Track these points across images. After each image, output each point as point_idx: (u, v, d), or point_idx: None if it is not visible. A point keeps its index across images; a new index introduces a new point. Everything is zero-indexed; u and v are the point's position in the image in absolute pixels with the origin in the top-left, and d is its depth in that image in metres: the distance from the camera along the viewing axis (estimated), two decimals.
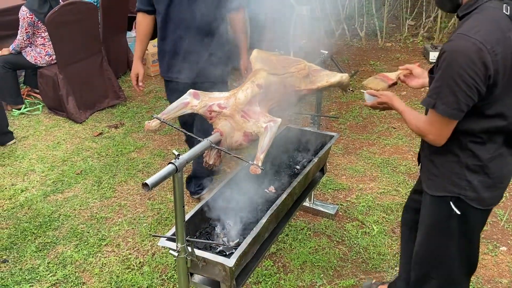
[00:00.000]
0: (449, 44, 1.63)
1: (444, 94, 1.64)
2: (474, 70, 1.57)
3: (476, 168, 1.78)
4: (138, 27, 3.12)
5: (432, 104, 1.69)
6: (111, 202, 3.58)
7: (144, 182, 1.62)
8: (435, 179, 1.89)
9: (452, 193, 1.84)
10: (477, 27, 1.60)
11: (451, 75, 1.60)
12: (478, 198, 1.81)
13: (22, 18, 4.73)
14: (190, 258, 1.92)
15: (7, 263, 2.96)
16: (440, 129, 1.72)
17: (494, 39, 1.59)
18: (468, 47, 1.57)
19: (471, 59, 1.56)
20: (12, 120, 4.91)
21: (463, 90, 1.60)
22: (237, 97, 2.02)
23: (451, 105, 1.64)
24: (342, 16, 7.13)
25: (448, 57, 1.61)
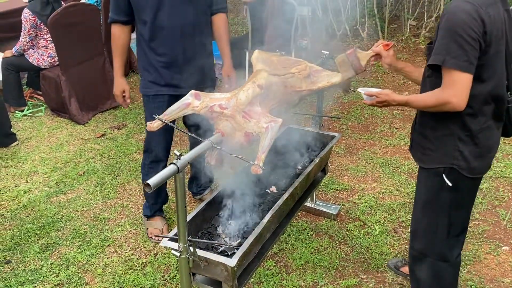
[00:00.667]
0: (448, 8, 1.81)
1: (452, 49, 1.75)
2: (474, 24, 1.74)
3: (467, 139, 1.94)
4: (117, 41, 2.85)
5: (441, 60, 1.78)
6: (114, 203, 3.59)
7: (146, 182, 1.64)
8: (429, 153, 2.04)
9: (445, 164, 1.99)
10: None
11: (455, 31, 1.74)
12: (469, 167, 1.97)
13: (24, 20, 4.75)
14: (192, 258, 1.93)
15: (10, 264, 2.98)
16: (461, 88, 1.79)
17: (487, 2, 1.79)
18: (467, 7, 1.75)
19: (471, 15, 1.74)
20: (15, 122, 4.93)
21: (468, 42, 1.73)
22: (238, 97, 2.03)
23: (461, 57, 1.75)
24: (343, 17, 7.13)
25: (450, 17, 1.77)
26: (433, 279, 2.24)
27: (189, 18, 2.71)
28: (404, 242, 3.04)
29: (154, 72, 2.81)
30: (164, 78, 2.80)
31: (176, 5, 2.67)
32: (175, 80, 2.79)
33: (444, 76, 1.82)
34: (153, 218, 3.22)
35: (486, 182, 3.61)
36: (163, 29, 2.69)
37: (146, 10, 2.66)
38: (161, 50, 2.75)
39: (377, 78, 5.82)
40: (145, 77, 2.88)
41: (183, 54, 2.76)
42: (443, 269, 2.22)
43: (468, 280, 2.73)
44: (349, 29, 7.17)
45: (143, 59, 2.85)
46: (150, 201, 3.18)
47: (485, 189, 3.53)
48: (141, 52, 2.85)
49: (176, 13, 2.67)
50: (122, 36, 2.83)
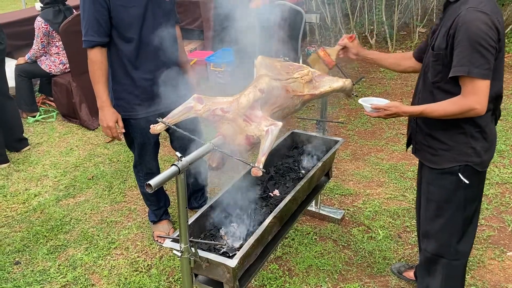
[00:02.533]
0: (463, 18, 1.83)
1: (475, 59, 1.81)
2: (492, 33, 1.81)
3: (478, 135, 2.01)
4: (99, 66, 2.59)
5: (466, 71, 1.84)
6: (121, 206, 3.65)
7: (148, 182, 1.68)
8: (443, 154, 2.08)
9: (460, 162, 2.04)
10: (483, 2, 1.85)
11: (476, 40, 1.80)
12: (481, 162, 2.05)
13: (37, 28, 4.87)
14: (194, 259, 1.97)
15: (19, 265, 3.04)
16: (484, 95, 1.87)
17: (497, 11, 1.87)
18: (484, 17, 1.81)
19: (488, 25, 1.80)
20: (27, 127, 5.03)
21: (489, 51, 1.82)
22: (239, 101, 2.08)
23: (484, 66, 1.82)
24: (352, 24, 7.16)
25: (469, 28, 1.81)
26: (446, 281, 2.27)
27: (167, 31, 2.65)
28: (408, 247, 3.04)
29: (141, 94, 2.72)
30: (151, 97, 2.71)
31: (157, 18, 2.63)
32: (160, 97, 2.66)
33: (466, 84, 1.88)
34: (160, 222, 3.26)
35: (492, 188, 3.60)
36: (148, 45, 2.62)
37: (132, 27, 2.55)
38: (147, 67, 2.66)
39: (384, 84, 5.83)
40: (128, 101, 2.74)
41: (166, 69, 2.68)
42: (457, 268, 2.26)
43: (472, 285, 2.73)
44: (358, 36, 7.20)
45: (125, 81, 2.70)
46: (153, 208, 3.23)
47: (491, 195, 3.52)
48: (122, 74, 2.69)
49: (157, 27, 2.62)
50: (104, 61, 2.61)
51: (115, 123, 2.72)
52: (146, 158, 2.99)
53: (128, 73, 2.67)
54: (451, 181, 2.10)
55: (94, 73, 2.63)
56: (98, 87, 2.65)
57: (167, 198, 3.31)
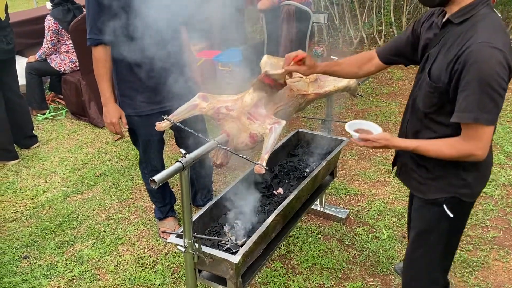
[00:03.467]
0: (475, 56, 1.60)
1: (484, 104, 1.60)
2: (505, 74, 1.61)
3: (470, 166, 1.83)
4: (104, 64, 2.63)
5: (473, 117, 1.63)
6: (128, 203, 3.69)
7: (152, 178, 1.71)
8: (430, 183, 1.92)
9: (448, 193, 1.88)
10: (493, 35, 1.62)
11: (488, 84, 1.58)
12: (471, 193, 1.89)
13: (47, 26, 4.94)
14: (197, 254, 1.99)
15: (27, 259, 3.10)
16: (486, 140, 1.68)
17: (508, 46, 1.63)
18: (498, 54, 1.58)
19: (503, 65, 1.59)
20: (37, 125, 5.10)
21: (500, 94, 1.61)
22: (244, 99, 2.10)
23: (493, 111, 1.63)
24: (360, 24, 7.16)
25: (481, 68, 1.58)
26: None
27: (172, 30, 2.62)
28: None
29: (145, 91, 2.74)
30: (155, 95, 2.75)
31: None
32: (165, 95, 2.72)
33: (469, 128, 1.68)
34: (166, 219, 3.30)
35: (498, 189, 3.59)
36: (152, 43, 2.60)
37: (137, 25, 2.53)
38: (151, 65, 2.65)
39: (392, 85, 5.83)
40: (133, 98, 2.77)
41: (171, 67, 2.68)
42: None
43: (476, 286, 2.73)
44: (366, 36, 7.20)
45: (130, 79, 2.73)
46: (159, 205, 3.26)
47: (497, 196, 3.51)
48: (126, 71, 2.71)
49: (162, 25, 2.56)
50: (108, 59, 2.64)
51: (119, 119, 2.76)
52: (151, 155, 3.03)
53: (133, 71, 2.69)
54: (434, 213, 1.94)
55: (98, 71, 2.67)
56: (102, 84, 2.69)
57: (172, 195, 3.34)
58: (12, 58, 4.33)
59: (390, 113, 4.99)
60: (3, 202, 3.78)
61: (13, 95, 4.42)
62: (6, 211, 3.64)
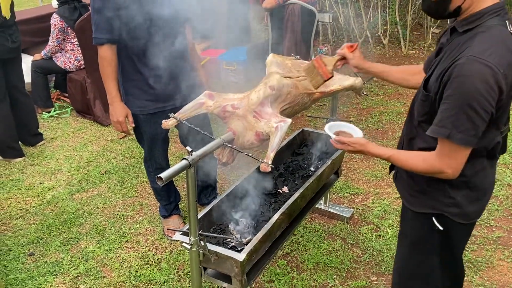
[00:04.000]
0: (460, 69, 1.48)
1: (460, 122, 1.50)
2: (491, 95, 1.47)
3: (460, 184, 1.72)
4: (110, 62, 2.63)
5: (446, 134, 1.54)
6: (133, 201, 3.71)
7: (159, 175, 1.72)
8: (417, 196, 1.84)
9: (435, 210, 1.78)
10: (489, 49, 1.48)
11: (468, 102, 1.47)
12: (462, 213, 1.76)
13: (53, 24, 4.95)
14: (203, 252, 2.00)
15: (33, 256, 3.12)
16: (457, 160, 1.59)
17: (506, 62, 1.49)
18: (485, 72, 1.45)
19: (489, 84, 1.45)
20: (42, 122, 5.12)
21: (481, 116, 1.48)
22: (250, 98, 2.11)
23: (469, 132, 1.51)
24: (365, 24, 7.15)
25: (463, 84, 1.48)
26: None
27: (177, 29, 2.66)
28: None
29: (150, 89, 2.75)
30: (160, 93, 2.76)
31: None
32: (170, 93, 2.75)
33: (443, 145, 1.59)
34: (171, 217, 3.31)
35: (503, 189, 3.58)
36: (157, 42, 2.63)
37: (142, 25, 2.54)
38: (156, 64, 2.64)
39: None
40: (138, 96, 2.78)
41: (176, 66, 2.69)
42: None
43: (480, 286, 2.73)
44: (370, 36, 7.19)
45: (135, 77, 2.74)
46: (163, 203, 3.27)
47: (502, 196, 3.51)
48: (131, 70, 2.72)
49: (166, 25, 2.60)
50: (114, 58, 2.65)
51: (125, 118, 2.76)
52: (156, 153, 3.04)
53: (138, 70, 2.70)
54: (424, 224, 1.84)
55: (104, 70, 2.67)
56: (108, 83, 2.69)
57: (177, 193, 3.35)
58: (18, 56, 4.35)
59: (395, 112, 4.98)
60: (8, 199, 3.80)
61: (19, 93, 4.44)
62: (11, 208, 3.66)
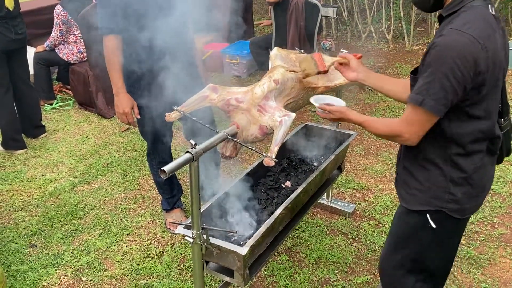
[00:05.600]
0: (440, 39, 1.54)
1: (434, 90, 1.55)
2: (465, 66, 1.50)
3: (461, 181, 1.72)
4: (116, 53, 2.61)
5: (420, 101, 1.58)
6: (135, 194, 3.70)
7: (162, 168, 1.71)
8: (416, 194, 1.81)
9: (433, 207, 1.77)
10: (469, 23, 1.53)
11: (442, 71, 1.52)
12: (460, 209, 1.77)
13: (56, 16, 4.94)
14: (205, 245, 2.00)
15: (35, 247, 3.12)
16: (420, 127, 1.63)
17: (486, 35, 1.53)
18: (461, 42, 1.50)
19: (463, 55, 1.50)
20: (44, 115, 5.11)
21: (453, 86, 1.52)
22: (254, 91, 2.10)
23: (440, 101, 1.55)
24: (369, 19, 7.12)
25: (440, 52, 1.53)
26: None
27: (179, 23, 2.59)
28: None
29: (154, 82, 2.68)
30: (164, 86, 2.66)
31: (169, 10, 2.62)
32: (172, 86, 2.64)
33: (410, 110, 1.63)
34: (173, 210, 3.30)
35: (506, 186, 3.57)
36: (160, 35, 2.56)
37: (145, 17, 2.53)
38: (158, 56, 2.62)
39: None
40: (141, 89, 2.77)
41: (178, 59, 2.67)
42: None
43: (482, 282, 2.72)
44: (374, 31, 7.16)
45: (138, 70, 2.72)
46: (166, 196, 3.27)
47: (505, 193, 3.49)
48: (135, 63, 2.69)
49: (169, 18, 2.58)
50: (119, 48, 2.63)
51: (131, 109, 2.75)
52: (159, 147, 3.03)
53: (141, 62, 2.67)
54: (416, 220, 1.84)
55: (110, 60, 2.65)
56: (113, 74, 2.68)
57: (180, 186, 3.35)
58: (23, 48, 4.33)
59: (398, 108, 4.96)
60: (10, 191, 3.80)
61: (23, 84, 4.43)
62: (13, 200, 3.67)
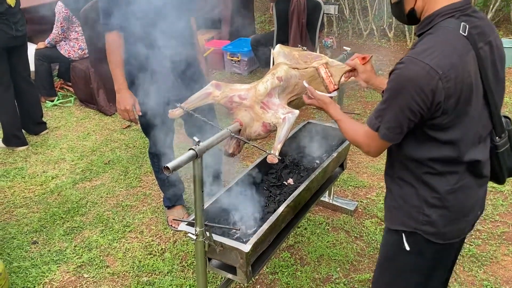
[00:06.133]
0: (399, 68, 1.48)
1: (387, 119, 1.53)
2: (421, 97, 1.44)
3: (435, 201, 1.61)
4: (118, 49, 2.62)
5: (376, 127, 1.57)
6: (137, 191, 3.70)
7: (165, 165, 1.71)
8: (393, 211, 1.73)
9: (408, 227, 1.67)
10: (430, 49, 1.45)
11: (397, 102, 1.48)
12: (437, 233, 1.64)
13: (58, 12, 4.93)
14: (208, 242, 1.99)
15: (37, 244, 3.12)
16: (378, 147, 1.62)
17: (448, 63, 1.43)
18: (417, 73, 1.43)
19: (419, 87, 1.43)
20: (45, 111, 5.10)
21: (407, 117, 1.49)
22: (257, 88, 2.09)
23: (393, 130, 1.53)
24: (370, 16, 7.10)
25: (396, 81, 1.48)
26: None
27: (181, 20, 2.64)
28: None
29: (156, 79, 2.70)
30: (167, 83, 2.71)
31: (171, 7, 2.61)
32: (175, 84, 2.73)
33: (368, 129, 1.61)
34: (174, 207, 3.30)
35: (508, 184, 3.57)
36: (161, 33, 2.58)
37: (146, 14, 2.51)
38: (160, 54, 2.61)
39: None
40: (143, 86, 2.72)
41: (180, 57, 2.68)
42: None
43: (484, 280, 2.72)
44: (376, 28, 7.15)
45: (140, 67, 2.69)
46: (168, 193, 3.26)
47: (507, 192, 3.49)
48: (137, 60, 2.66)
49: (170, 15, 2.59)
50: (121, 45, 2.62)
51: (133, 106, 2.74)
52: (161, 144, 3.02)
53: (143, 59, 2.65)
54: (394, 241, 1.74)
55: (111, 57, 2.65)
56: (115, 70, 2.67)
57: (181, 184, 3.34)
58: (23, 45, 4.32)
59: None
60: (12, 187, 3.80)
61: (23, 81, 4.42)
62: (15, 197, 3.66)
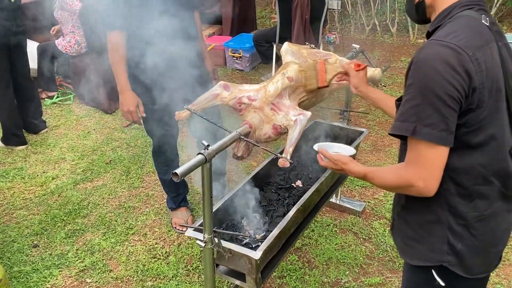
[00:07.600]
0: (419, 54, 1.29)
1: (425, 114, 1.26)
2: (457, 80, 1.23)
3: (461, 230, 1.40)
4: (121, 49, 2.55)
5: (411, 129, 1.29)
6: (139, 192, 3.62)
7: (174, 171, 1.63)
8: (413, 245, 1.51)
9: (433, 262, 1.46)
10: (454, 33, 1.28)
11: (429, 87, 1.25)
12: (464, 266, 1.43)
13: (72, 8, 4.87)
14: (217, 249, 1.92)
15: (37, 248, 3.04)
16: (432, 167, 1.30)
17: (476, 45, 1.27)
18: (446, 52, 1.24)
19: (450, 64, 1.23)
20: (45, 109, 5.01)
21: (447, 104, 1.24)
22: (267, 89, 2.01)
23: (438, 126, 1.25)
24: (372, 11, 7.02)
25: (422, 67, 1.27)
26: None
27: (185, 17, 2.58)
28: None
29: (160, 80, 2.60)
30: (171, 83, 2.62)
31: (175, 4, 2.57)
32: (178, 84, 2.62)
33: (410, 148, 1.32)
34: (178, 209, 3.23)
35: None
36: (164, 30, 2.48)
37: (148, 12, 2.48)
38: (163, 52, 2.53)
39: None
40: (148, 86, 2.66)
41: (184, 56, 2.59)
42: None
43: (497, 284, 2.66)
44: (378, 24, 7.06)
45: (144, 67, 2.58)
46: (171, 195, 3.19)
47: None
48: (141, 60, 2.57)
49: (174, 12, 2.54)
50: (123, 45, 2.56)
51: (136, 107, 2.67)
52: (165, 145, 2.95)
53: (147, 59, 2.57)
54: (422, 279, 1.53)
55: (114, 57, 2.58)
56: (118, 70, 2.60)
57: (186, 185, 3.27)
58: (23, 41, 4.23)
59: None
60: (11, 188, 3.72)
61: (23, 79, 4.33)
62: (15, 198, 3.58)
